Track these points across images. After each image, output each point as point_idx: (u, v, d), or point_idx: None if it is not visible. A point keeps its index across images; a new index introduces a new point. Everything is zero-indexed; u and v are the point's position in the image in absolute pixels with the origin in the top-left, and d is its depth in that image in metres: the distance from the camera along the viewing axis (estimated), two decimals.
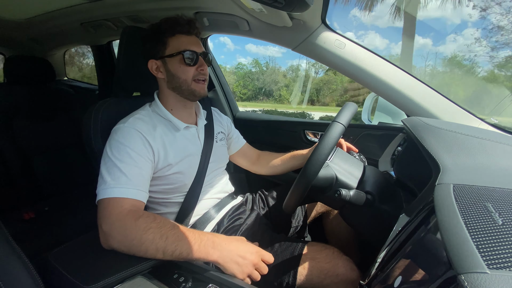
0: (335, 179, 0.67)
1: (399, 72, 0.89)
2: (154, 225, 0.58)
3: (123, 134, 0.68)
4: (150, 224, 0.58)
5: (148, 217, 0.60)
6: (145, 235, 0.56)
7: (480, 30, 9.74)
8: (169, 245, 0.57)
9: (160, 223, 0.59)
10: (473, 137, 0.57)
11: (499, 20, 8.89)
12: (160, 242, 0.57)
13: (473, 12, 9.26)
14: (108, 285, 0.50)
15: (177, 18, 0.75)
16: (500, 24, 8.94)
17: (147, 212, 0.62)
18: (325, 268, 0.70)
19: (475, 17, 9.67)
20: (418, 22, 9.76)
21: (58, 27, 1.47)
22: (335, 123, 0.62)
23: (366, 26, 33.23)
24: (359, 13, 26.97)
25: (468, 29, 17.13)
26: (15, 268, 0.43)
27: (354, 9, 24.91)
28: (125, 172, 0.63)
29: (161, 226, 0.59)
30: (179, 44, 0.75)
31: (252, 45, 39.09)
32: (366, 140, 1.14)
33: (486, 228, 0.30)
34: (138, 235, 0.56)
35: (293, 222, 0.98)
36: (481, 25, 9.74)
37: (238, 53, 40.25)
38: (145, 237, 0.56)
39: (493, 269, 0.24)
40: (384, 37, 35.04)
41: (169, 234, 0.58)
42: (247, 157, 1.08)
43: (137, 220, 0.58)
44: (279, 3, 0.56)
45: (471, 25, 16.16)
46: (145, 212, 0.62)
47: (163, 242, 0.57)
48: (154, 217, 0.61)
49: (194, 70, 0.76)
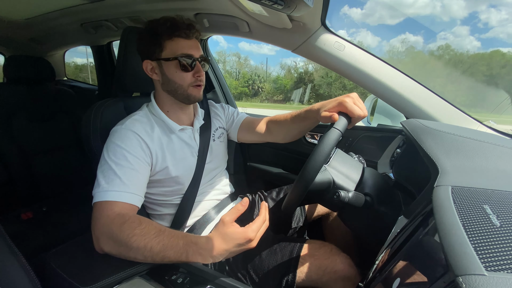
0: (332, 183, 0.67)
1: (398, 74, 0.90)
2: (138, 232, 0.56)
3: (120, 136, 0.68)
4: (133, 231, 0.56)
5: (132, 223, 0.57)
6: (129, 242, 0.55)
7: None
8: (155, 255, 0.55)
9: (143, 230, 0.56)
10: (471, 139, 0.57)
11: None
12: (145, 252, 0.55)
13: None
14: (105, 286, 0.50)
15: (176, 20, 0.72)
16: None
17: (133, 217, 0.59)
18: (323, 264, 0.70)
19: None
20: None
21: (58, 27, 1.48)
22: (332, 129, 0.61)
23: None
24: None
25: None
26: (13, 268, 0.43)
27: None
28: (120, 175, 0.63)
29: (144, 234, 0.56)
30: (177, 48, 0.72)
31: (245, 43, 39.26)
32: (365, 142, 1.14)
33: (484, 230, 0.30)
34: (124, 241, 0.55)
35: (293, 223, 0.98)
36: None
37: (231, 50, 40.35)
38: (130, 244, 0.55)
39: (491, 271, 0.24)
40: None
41: (153, 243, 0.55)
42: (255, 129, 0.94)
43: (122, 225, 0.57)
44: (279, 4, 0.56)
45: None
46: (131, 216, 0.59)
47: (148, 252, 0.55)
48: (139, 222, 0.58)
49: (190, 76, 0.74)
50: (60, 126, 1.52)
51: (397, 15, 52.11)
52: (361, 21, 52.33)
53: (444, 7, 52.80)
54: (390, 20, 52.78)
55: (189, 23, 0.73)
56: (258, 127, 0.94)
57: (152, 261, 0.56)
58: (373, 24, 52.20)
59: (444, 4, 52.75)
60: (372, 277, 0.48)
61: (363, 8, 55.77)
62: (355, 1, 55.41)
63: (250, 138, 0.97)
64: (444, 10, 52.51)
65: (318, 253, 0.72)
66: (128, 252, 0.56)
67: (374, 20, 53.67)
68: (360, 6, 55.92)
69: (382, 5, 56.35)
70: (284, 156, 1.39)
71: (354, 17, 53.20)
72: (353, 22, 48.53)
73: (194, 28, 0.74)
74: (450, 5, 52.77)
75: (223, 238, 0.58)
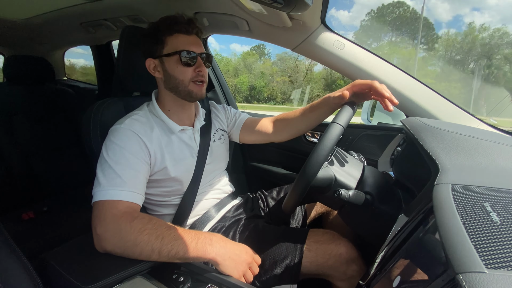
0: (334, 180, 0.67)
1: (398, 73, 0.89)
2: (150, 226, 0.58)
3: (119, 135, 0.68)
4: (145, 225, 0.58)
5: (143, 219, 0.59)
6: (140, 236, 0.56)
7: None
8: (165, 245, 0.56)
9: (155, 224, 0.59)
10: (472, 137, 0.57)
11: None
12: (156, 242, 0.56)
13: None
14: (107, 285, 0.50)
15: (177, 16, 0.74)
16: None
17: (142, 214, 0.62)
18: (329, 248, 0.72)
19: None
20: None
21: (58, 27, 1.48)
22: (334, 124, 0.62)
23: None
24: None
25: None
26: (14, 268, 0.43)
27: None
28: (120, 174, 0.63)
29: (157, 227, 0.59)
30: (177, 44, 0.73)
31: (236, 45, 39.18)
32: (365, 141, 1.14)
33: (485, 228, 0.30)
34: (133, 237, 0.56)
35: (293, 223, 0.98)
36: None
37: (224, 52, 40.28)
38: (140, 239, 0.56)
39: (491, 269, 0.25)
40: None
41: (165, 234, 0.58)
42: (257, 129, 0.94)
43: (132, 222, 0.58)
44: (278, 3, 0.56)
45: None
46: (140, 213, 0.62)
47: (158, 243, 0.56)
48: (149, 218, 0.60)
49: (191, 71, 0.74)
50: (60, 126, 1.52)
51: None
52: (349, 23, 52.60)
53: (429, 10, 52.90)
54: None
55: (189, 19, 0.75)
56: (261, 127, 0.94)
57: (158, 254, 0.56)
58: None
59: (428, 7, 52.78)
60: (372, 275, 0.48)
61: (350, 11, 55.94)
62: (342, 4, 55.52)
63: (252, 139, 0.97)
64: (429, 13, 52.65)
65: (323, 239, 0.74)
66: (135, 248, 0.56)
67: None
68: (347, 9, 56.05)
69: (368, 7, 56.52)
70: (284, 155, 1.39)
71: (342, 19, 53.51)
72: (340, 24, 48.97)
73: (194, 24, 0.75)
74: (435, 8, 52.82)
75: (232, 241, 0.66)
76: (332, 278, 0.72)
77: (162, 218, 0.82)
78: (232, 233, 0.83)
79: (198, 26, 0.77)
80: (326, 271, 0.71)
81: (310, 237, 0.75)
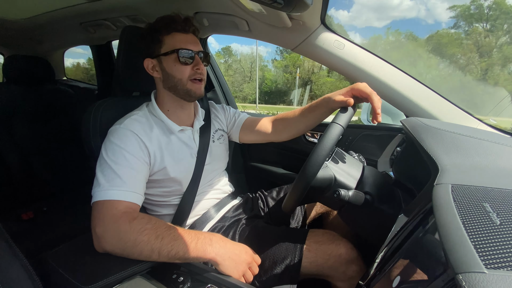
0: (333, 180, 0.67)
1: (398, 73, 0.89)
2: (149, 226, 0.58)
3: (119, 135, 0.68)
4: (145, 225, 0.58)
5: (143, 219, 0.60)
6: (140, 236, 0.56)
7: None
8: (165, 245, 0.57)
9: (155, 224, 0.59)
10: (471, 137, 0.57)
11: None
12: (156, 242, 0.56)
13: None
14: (107, 285, 0.50)
15: (173, 16, 0.74)
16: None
17: (142, 214, 0.62)
18: (329, 248, 0.71)
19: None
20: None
21: (57, 27, 1.48)
22: (333, 124, 0.62)
23: None
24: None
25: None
26: (14, 268, 0.43)
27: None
28: (119, 174, 0.63)
29: (156, 227, 0.59)
30: (175, 42, 0.73)
31: (236, 45, 39.12)
32: (365, 141, 1.14)
33: (484, 228, 0.30)
34: (133, 237, 0.56)
35: (293, 223, 0.98)
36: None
37: (224, 52, 40.20)
38: (140, 239, 0.56)
39: (491, 269, 0.25)
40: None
41: (165, 234, 0.58)
42: (257, 129, 0.94)
43: (132, 222, 0.58)
44: (278, 3, 0.55)
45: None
46: (140, 213, 0.62)
47: (158, 243, 0.56)
48: (149, 218, 0.61)
49: (189, 69, 0.74)
50: (60, 126, 1.52)
51: (383, 17, 52.55)
52: (348, 23, 52.71)
53: (429, 10, 52.76)
54: (377, 23, 53.15)
55: (186, 17, 0.75)
56: (261, 127, 0.94)
57: (158, 254, 0.56)
58: (360, 26, 52.70)
59: (428, 7, 52.68)
60: (372, 275, 0.48)
61: (350, 11, 56.01)
62: (342, 4, 55.51)
63: (251, 138, 0.97)
64: (428, 13, 52.52)
65: (323, 239, 0.74)
66: (135, 248, 0.56)
67: (361, 22, 54.15)
68: (347, 9, 56.12)
69: (368, 8, 56.63)
70: (284, 155, 1.39)
71: (341, 19, 53.58)
72: (341, 25, 49.21)
73: (191, 22, 0.76)
74: (434, 8, 52.72)
75: (232, 241, 0.66)
76: (331, 278, 0.72)
77: (161, 218, 0.82)
78: (232, 233, 0.83)
79: (195, 24, 0.77)
80: (326, 271, 0.71)
81: (310, 237, 0.75)
